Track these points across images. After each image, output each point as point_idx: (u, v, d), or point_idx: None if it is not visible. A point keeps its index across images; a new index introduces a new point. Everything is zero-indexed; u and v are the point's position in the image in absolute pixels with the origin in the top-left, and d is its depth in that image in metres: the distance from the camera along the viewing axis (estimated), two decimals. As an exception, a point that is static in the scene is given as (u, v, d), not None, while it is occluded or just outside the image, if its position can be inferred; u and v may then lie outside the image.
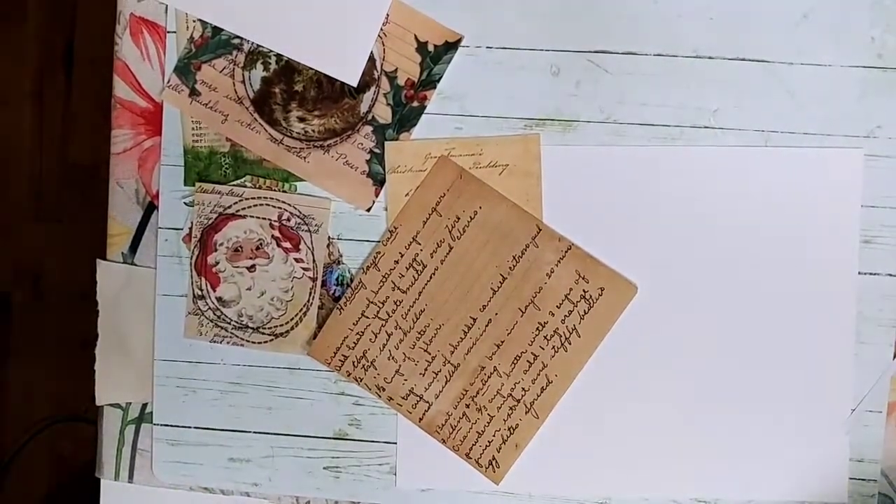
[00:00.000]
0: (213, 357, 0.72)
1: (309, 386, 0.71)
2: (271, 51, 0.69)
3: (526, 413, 0.69)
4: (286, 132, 0.70)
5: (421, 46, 0.68)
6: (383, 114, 0.69)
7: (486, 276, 0.69)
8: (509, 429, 0.69)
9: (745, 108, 0.67)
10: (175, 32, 0.70)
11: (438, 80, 0.68)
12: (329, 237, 0.70)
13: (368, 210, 0.70)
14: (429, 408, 0.70)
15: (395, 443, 0.71)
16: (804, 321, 0.68)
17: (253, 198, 0.70)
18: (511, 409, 0.69)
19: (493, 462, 0.70)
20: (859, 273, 0.67)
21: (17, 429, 1.47)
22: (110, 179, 0.72)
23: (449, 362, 0.69)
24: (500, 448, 0.70)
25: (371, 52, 0.68)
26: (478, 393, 0.69)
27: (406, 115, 0.69)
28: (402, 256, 0.69)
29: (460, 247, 0.69)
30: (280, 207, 0.70)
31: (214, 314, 0.71)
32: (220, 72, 0.70)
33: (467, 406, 0.70)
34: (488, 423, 0.69)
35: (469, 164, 0.68)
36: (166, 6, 0.70)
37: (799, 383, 0.68)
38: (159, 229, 0.72)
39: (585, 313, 0.68)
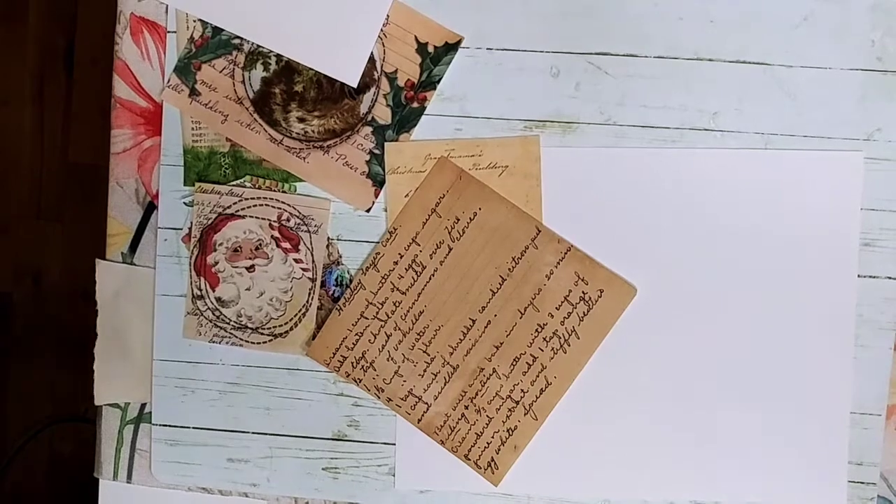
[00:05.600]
0: (212, 357, 0.72)
1: (308, 387, 0.71)
2: (271, 51, 0.69)
3: (525, 414, 0.69)
4: (286, 132, 0.70)
5: (421, 47, 0.68)
6: (383, 115, 0.69)
7: (485, 277, 0.69)
8: (508, 430, 0.69)
9: (746, 110, 0.67)
10: (175, 32, 0.70)
11: (438, 82, 0.68)
12: (328, 238, 0.70)
13: (368, 211, 0.70)
14: (428, 409, 0.70)
15: (394, 444, 0.71)
16: (804, 324, 0.68)
17: (252, 198, 0.70)
18: (510, 410, 0.69)
19: (492, 463, 0.70)
20: (859, 276, 0.67)
21: (17, 428, 1.47)
22: (110, 179, 0.72)
23: (448, 363, 0.69)
24: (498, 449, 0.69)
25: (371, 53, 0.68)
26: (477, 394, 0.69)
27: (406, 116, 0.69)
28: (401, 257, 0.69)
29: (460, 248, 0.69)
30: (280, 208, 0.70)
31: (213, 314, 0.71)
32: (220, 72, 0.70)
33: (466, 407, 0.70)
34: (487, 424, 0.69)
35: (469, 165, 0.68)
36: (167, 6, 0.70)
37: (798, 386, 0.68)
38: (159, 229, 0.71)
39: (585, 315, 0.68)
